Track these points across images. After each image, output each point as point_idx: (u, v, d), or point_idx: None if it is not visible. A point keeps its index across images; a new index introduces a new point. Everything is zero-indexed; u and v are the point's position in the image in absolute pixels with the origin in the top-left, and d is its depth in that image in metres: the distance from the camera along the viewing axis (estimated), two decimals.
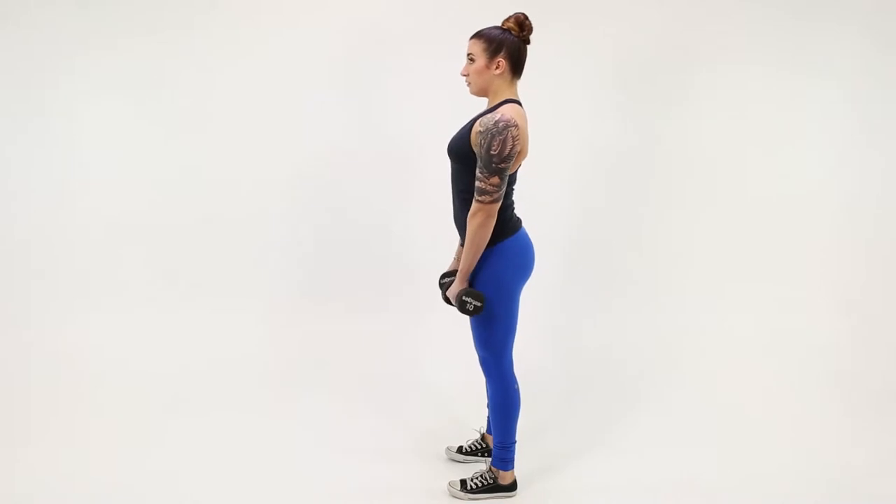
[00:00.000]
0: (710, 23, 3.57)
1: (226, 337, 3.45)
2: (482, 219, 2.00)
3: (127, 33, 3.47)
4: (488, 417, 2.45)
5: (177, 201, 3.59)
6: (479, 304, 2.06)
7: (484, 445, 2.55)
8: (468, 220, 2.03)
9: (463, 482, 2.28)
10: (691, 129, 3.65)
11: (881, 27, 3.58)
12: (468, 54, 2.14)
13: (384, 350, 3.44)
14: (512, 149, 1.97)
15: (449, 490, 2.28)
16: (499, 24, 2.18)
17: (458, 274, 2.12)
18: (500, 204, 2.01)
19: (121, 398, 2.94)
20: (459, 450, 2.54)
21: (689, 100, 3.63)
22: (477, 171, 2.00)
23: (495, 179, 1.97)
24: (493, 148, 1.96)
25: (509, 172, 2.02)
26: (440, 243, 3.08)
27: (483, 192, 1.99)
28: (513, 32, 2.13)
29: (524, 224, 2.23)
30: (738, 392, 3.13)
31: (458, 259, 2.35)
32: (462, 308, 2.08)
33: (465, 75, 2.15)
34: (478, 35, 2.14)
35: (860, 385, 3.23)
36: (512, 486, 2.28)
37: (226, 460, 2.46)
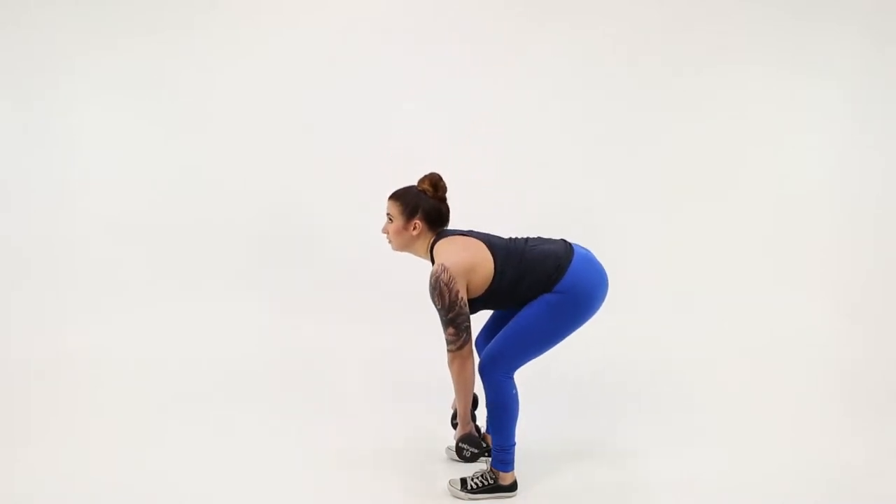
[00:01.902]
0: (710, 23, 3.57)
1: (226, 336, 3.45)
2: (459, 365, 2.12)
3: (127, 33, 3.48)
4: (487, 417, 2.45)
5: (177, 201, 3.59)
6: (475, 451, 2.21)
7: (485, 445, 2.54)
8: (448, 367, 2.15)
9: (463, 481, 2.28)
10: (691, 129, 3.65)
11: (881, 27, 3.58)
12: (387, 213, 2.23)
13: (384, 349, 3.44)
14: (451, 294, 2.05)
15: (449, 489, 2.28)
16: (415, 183, 2.22)
17: (458, 418, 2.25)
18: (469, 345, 2.10)
19: (120, 398, 2.94)
20: None
21: (688, 100, 3.64)
22: None
23: (451, 330, 2.08)
24: (437, 303, 2.08)
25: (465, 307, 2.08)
26: None
27: (448, 342, 2.11)
28: (427, 194, 2.18)
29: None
30: (737, 392, 3.12)
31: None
32: (459, 454, 2.23)
33: (385, 233, 2.25)
34: (394, 196, 2.22)
35: (860, 385, 3.23)
36: (512, 487, 2.28)
37: (225, 460, 2.46)
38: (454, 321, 2.07)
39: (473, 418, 2.34)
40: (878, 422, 2.86)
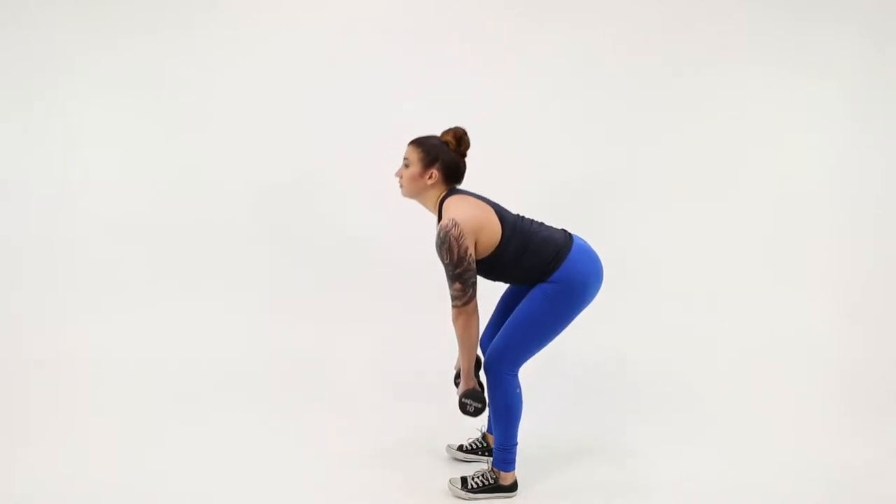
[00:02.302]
0: (710, 23, 3.58)
1: (225, 336, 3.45)
2: (464, 321, 2.09)
3: (127, 33, 3.48)
4: (489, 416, 2.45)
5: (177, 201, 3.59)
6: (479, 405, 2.16)
7: (485, 444, 2.55)
8: (453, 324, 2.12)
9: (464, 480, 2.28)
10: (691, 129, 3.66)
11: (881, 27, 3.58)
12: (404, 157, 2.20)
13: (384, 347, 3.44)
14: (460, 249, 2.02)
15: (450, 488, 2.28)
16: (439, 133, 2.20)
17: (461, 374, 2.20)
18: (474, 301, 2.08)
19: (120, 398, 2.94)
20: (460, 448, 2.54)
21: (688, 100, 3.64)
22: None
23: (457, 285, 2.06)
24: (444, 258, 2.05)
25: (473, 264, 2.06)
26: None
27: (453, 297, 2.08)
28: (450, 146, 2.16)
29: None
30: (738, 392, 3.12)
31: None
32: (463, 409, 2.17)
33: (398, 177, 2.21)
34: (416, 142, 2.19)
35: (860, 385, 3.23)
36: (513, 487, 2.28)
37: (225, 460, 2.46)
38: (461, 276, 2.05)
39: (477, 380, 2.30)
40: (878, 422, 2.86)
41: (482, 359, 2.32)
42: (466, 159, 2.21)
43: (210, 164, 3.57)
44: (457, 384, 2.33)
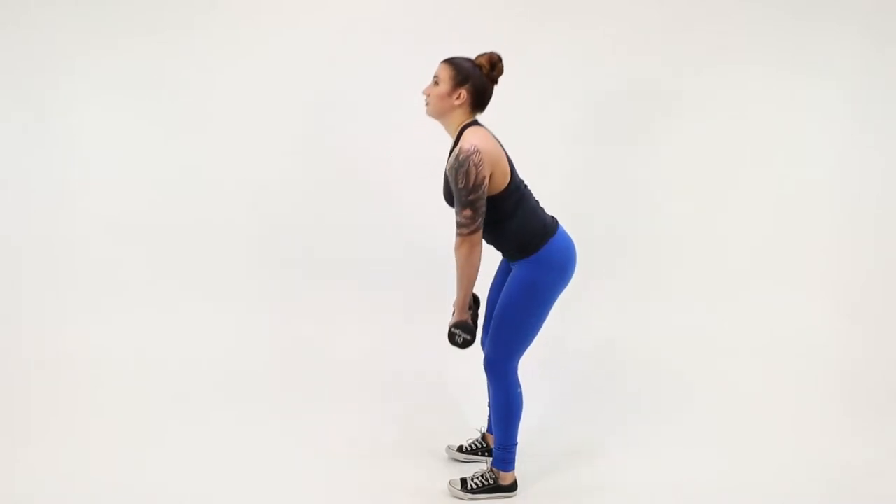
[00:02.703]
0: (710, 23, 3.57)
1: (226, 336, 3.45)
2: (467, 249, 2.05)
3: (127, 33, 3.48)
4: (489, 417, 2.45)
5: (177, 201, 3.59)
6: (468, 337, 2.12)
7: (484, 445, 2.55)
8: (455, 252, 2.08)
9: (463, 481, 2.28)
10: (691, 129, 3.65)
11: (881, 27, 3.58)
12: (434, 76, 2.16)
13: (384, 349, 3.44)
14: (477, 176, 2.00)
15: (449, 489, 2.28)
16: (473, 56, 2.18)
17: (455, 305, 2.16)
18: (480, 232, 2.05)
19: (121, 398, 2.94)
20: (460, 449, 2.54)
21: (688, 100, 3.63)
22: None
23: (467, 212, 2.02)
24: (460, 182, 2.01)
25: (485, 194, 2.04)
26: (441, 244, 3.09)
27: (460, 224, 2.04)
28: (482, 70, 2.14)
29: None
30: (738, 392, 3.12)
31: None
32: (451, 339, 2.13)
33: (426, 95, 2.18)
34: (449, 61, 2.16)
35: (860, 385, 3.23)
36: (512, 487, 2.28)
37: (225, 460, 2.46)
38: (473, 203, 2.02)
39: (474, 316, 2.27)
40: (878, 422, 2.86)
41: (479, 298, 2.32)
42: (496, 87, 2.17)
43: (210, 164, 3.57)
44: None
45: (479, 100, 2.15)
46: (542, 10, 3.57)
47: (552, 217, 2.24)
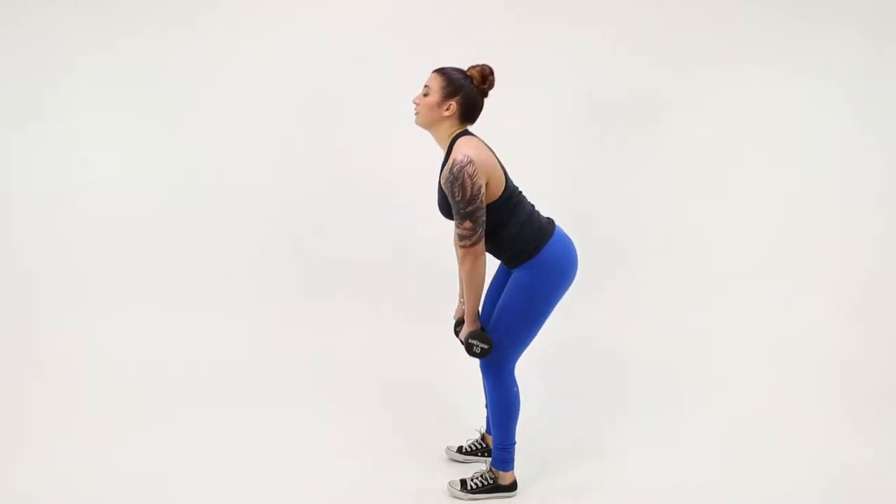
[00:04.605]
0: (710, 23, 3.57)
1: (226, 336, 3.45)
2: (471, 262, 2.05)
3: (127, 33, 3.48)
4: (487, 417, 2.45)
5: (176, 201, 3.59)
6: (485, 346, 2.11)
7: (484, 445, 2.55)
8: (459, 265, 2.08)
9: (463, 482, 2.28)
10: (691, 129, 3.66)
11: (881, 27, 3.58)
12: (425, 85, 2.15)
13: (384, 349, 3.44)
14: (473, 187, 1.99)
15: (449, 490, 2.28)
16: (465, 67, 2.17)
17: (466, 316, 2.15)
18: (482, 242, 2.04)
19: (121, 398, 2.94)
20: (459, 449, 2.54)
21: (688, 100, 3.63)
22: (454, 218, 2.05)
23: (467, 223, 2.02)
24: (457, 194, 2.00)
25: (483, 203, 2.03)
26: (441, 244, 3.09)
27: (461, 237, 2.04)
28: (474, 81, 2.13)
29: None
30: (738, 393, 3.12)
31: (462, 304, 2.35)
32: (469, 350, 2.12)
33: (416, 104, 2.16)
34: (440, 71, 2.15)
35: (860, 385, 3.23)
36: (512, 487, 2.28)
37: (225, 460, 2.46)
38: (472, 215, 2.01)
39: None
40: (878, 422, 2.86)
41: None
42: (486, 100, 2.16)
43: (209, 165, 3.58)
44: (457, 333, 2.31)
45: (469, 112, 2.14)
46: (541, 10, 3.57)
47: (548, 219, 2.23)
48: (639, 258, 3.69)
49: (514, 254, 2.13)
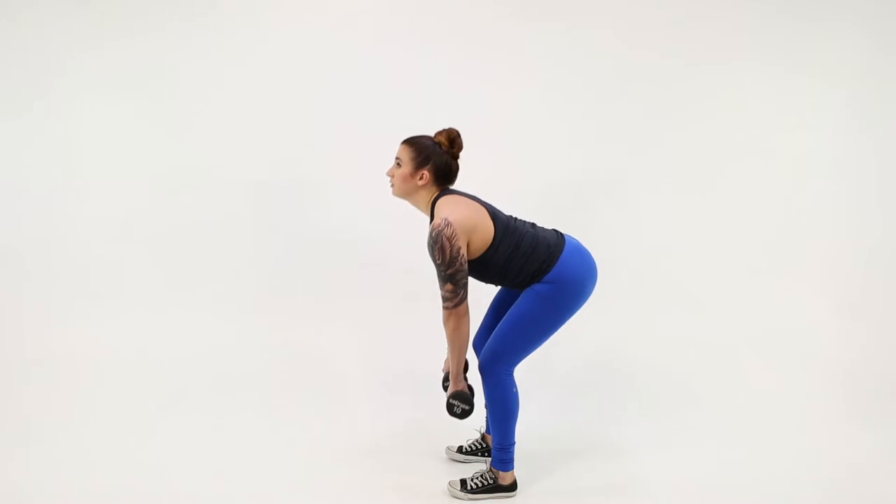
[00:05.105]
0: (711, 23, 3.57)
1: (225, 337, 3.45)
2: (454, 323, 2.09)
3: (127, 33, 3.48)
4: (486, 417, 2.45)
5: (176, 201, 3.59)
6: (466, 407, 2.15)
7: (484, 445, 2.55)
8: (443, 325, 2.10)
9: (463, 482, 2.28)
10: (690, 129, 3.65)
11: (881, 27, 3.58)
12: (396, 157, 2.18)
13: (383, 348, 3.44)
14: (452, 249, 2.01)
15: (449, 490, 2.28)
16: (432, 134, 2.19)
17: (450, 376, 2.18)
18: (465, 303, 2.07)
19: (121, 398, 2.94)
20: (459, 449, 2.54)
21: (688, 99, 3.63)
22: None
23: (449, 286, 2.05)
24: (437, 258, 2.03)
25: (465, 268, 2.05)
26: None
27: (444, 299, 2.07)
28: (442, 147, 2.14)
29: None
30: (738, 392, 3.12)
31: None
32: (450, 410, 2.17)
33: (390, 176, 2.19)
34: (408, 142, 2.18)
35: (861, 385, 3.23)
36: (512, 487, 2.28)
37: (225, 460, 2.46)
38: (453, 277, 2.04)
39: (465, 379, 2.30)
40: (878, 422, 2.86)
41: (468, 362, 2.32)
42: (460, 160, 2.20)
43: (209, 165, 3.58)
44: (445, 387, 2.33)
45: (444, 176, 2.16)
46: (539, 10, 3.57)
47: (556, 233, 2.21)
48: (636, 257, 3.68)
49: (528, 278, 2.13)
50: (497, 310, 2.39)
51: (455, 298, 2.05)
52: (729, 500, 2.27)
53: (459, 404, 2.15)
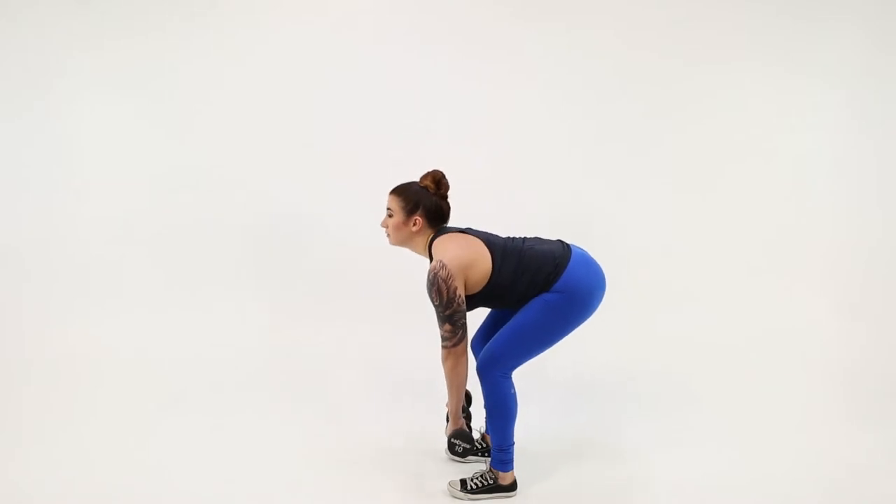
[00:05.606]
0: (710, 23, 3.57)
1: (225, 337, 3.45)
2: (452, 362, 2.12)
3: (127, 33, 3.48)
4: (486, 417, 2.44)
5: (176, 201, 3.59)
6: (467, 446, 2.20)
7: (484, 445, 2.54)
8: (442, 364, 2.13)
9: (463, 482, 2.28)
10: (690, 129, 3.65)
11: (881, 27, 3.58)
12: (387, 208, 2.21)
13: (383, 349, 3.44)
14: (448, 290, 2.04)
15: (449, 490, 2.28)
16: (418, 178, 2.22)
17: (450, 414, 2.23)
18: (464, 343, 2.10)
19: (121, 398, 2.94)
20: None
21: (688, 99, 3.63)
22: None
23: (447, 326, 2.08)
24: (434, 300, 2.06)
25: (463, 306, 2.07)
26: None
27: (443, 338, 2.10)
28: (429, 190, 2.17)
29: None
30: (738, 392, 3.12)
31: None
32: (451, 449, 2.22)
33: (384, 227, 2.23)
34: (395, 192, 2.20)
35: (861, 385, 3.23)
36: (512, 487, 2.28)
37: (225, 461, 2.46)
38: (451, 318, 2.07)
39: (467, 416, 2.34)
40: (880, 422, 2.85)
41: (471, 395, 2.36)
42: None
43: (209, 165, 3.58)
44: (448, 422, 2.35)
45: (437, 218, 2.19)
46: (539, 10, 3.57)
47: (561, 244, 2.21)
48: (637, 257, 3.68)
49: (538, 288, 2.13)
50: (497, 314, 2.40)
51: (454, 338, 2.08)
52: (729, 500, 2.27)
53: (460, 443, 2.20)
